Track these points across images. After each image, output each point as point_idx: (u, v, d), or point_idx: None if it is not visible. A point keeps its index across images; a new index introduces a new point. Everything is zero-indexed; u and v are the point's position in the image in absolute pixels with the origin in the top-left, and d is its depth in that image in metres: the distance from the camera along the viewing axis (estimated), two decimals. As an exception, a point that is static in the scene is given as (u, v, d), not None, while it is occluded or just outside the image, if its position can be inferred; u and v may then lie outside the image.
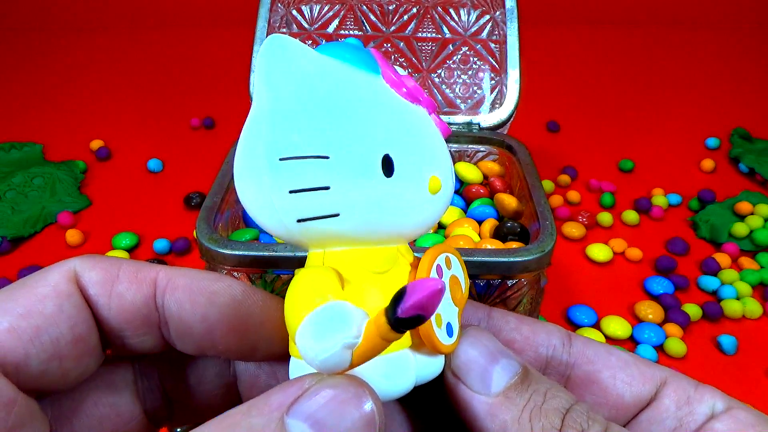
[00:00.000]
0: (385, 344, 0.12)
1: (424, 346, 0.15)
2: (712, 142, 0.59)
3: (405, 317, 0.11)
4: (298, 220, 0.14)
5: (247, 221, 0.35)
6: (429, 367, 0.16)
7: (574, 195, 0.51)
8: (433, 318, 0.14)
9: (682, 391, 0.17)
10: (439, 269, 0.15)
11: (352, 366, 0.13)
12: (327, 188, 0.13)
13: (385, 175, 0.14)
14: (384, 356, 0.14)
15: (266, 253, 0.27)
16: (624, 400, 0.17)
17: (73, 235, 0.45)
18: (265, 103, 0.14)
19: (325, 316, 0.13)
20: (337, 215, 0.14)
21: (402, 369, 0.14)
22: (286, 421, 0.12)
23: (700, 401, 0.17)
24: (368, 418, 0.13)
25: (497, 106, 0.42)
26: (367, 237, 0.15)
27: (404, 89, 0.15)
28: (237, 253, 0.27)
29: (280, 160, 0.14)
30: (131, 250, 0.44)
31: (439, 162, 0.15)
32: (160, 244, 0.43)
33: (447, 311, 0.15)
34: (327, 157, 0.13)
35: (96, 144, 0.57)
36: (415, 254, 0.16)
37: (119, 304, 0.16)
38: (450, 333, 0.15)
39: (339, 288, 0.14)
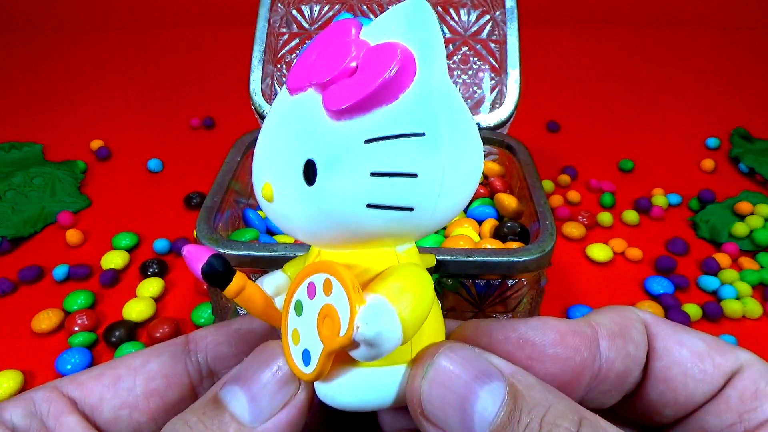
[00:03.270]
0: (239, 301, 0.15)
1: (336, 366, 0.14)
2: (712, 142, 0.59)
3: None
4: None
5: (247, 221, 0.35)
6: (345, 393, 0.14)
7: (574, 195, 0.51)
8: (289, 330, 0.14)
9: (750, 384, 0.15)
10: (311, 288, 0.14)
11: (262, 318, 0.15)
12: None
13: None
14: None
15: (266, 253, 0.27)
16: (694, 399, 0.15)
17: (73, 235, 0.45)
18: None
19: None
20: None
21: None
22: (218, 394, 0.14)
23: None
24: (281, 370, 0.15)
25: (497, 106, 0.42)
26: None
27: (286, 83, 0.14)
28: (237, 253, 0.27)
29: None
30: (131, 250, 0.44)
31: (274, 165, 0.14)
32: (160, 244, 0.43)
33: (307, 336, 0.14)
34: None
35: (96, 144, 0.57)
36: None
37: (237, 336, 0.18)
38: (305, 361, 0.14)
39: (297, 265, 0.16)
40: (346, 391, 0.14)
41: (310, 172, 0.13)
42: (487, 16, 0.43)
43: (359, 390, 0.14)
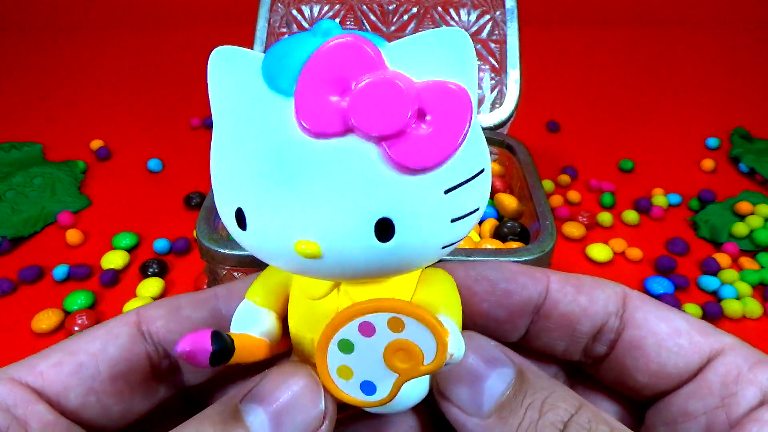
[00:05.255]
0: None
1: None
2: (712, 142, 0.59)
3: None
4: None
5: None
6: (396, 400, 0.14)
7: (574, 195, 0.51)
8: (334, 367, 0.14)
9: (732, 367, 0.15)
10: (366, 327, 0.13)
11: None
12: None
13: (240, 228, 0.13)
14: None
15: (266, 253, 0.27)
16: (666, 370, 0.16)
17: (73, 235, 0.45)
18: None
19: (238, 311, 0.16)
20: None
21: None
22: (240, 407, 0.14)
23: (750, 382, 0.15)
24: (310, 389, 0.14)
25: (497, 106, 0.42)
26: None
27: (302, 123, 0.12)
28: (237, 253, 0.27)
29: None
30: (131, 250, 0.44)
31: (320, 224, 0.12)
32: (160, 244, 0.43)
33: (367, 370, 0.14)
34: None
35: (96, 144, 0.57)
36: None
37: (189, 324, 0.17)
38: (368, 391, 0.14)
39: (274, 291, 0.16)
40: (397, 399, 0.14)
41: (384, 230, 0.12)
42: (487, 16, 0.43)
43: (406, 394, 0.15)
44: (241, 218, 0.13)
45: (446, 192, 0.12)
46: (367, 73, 0.11)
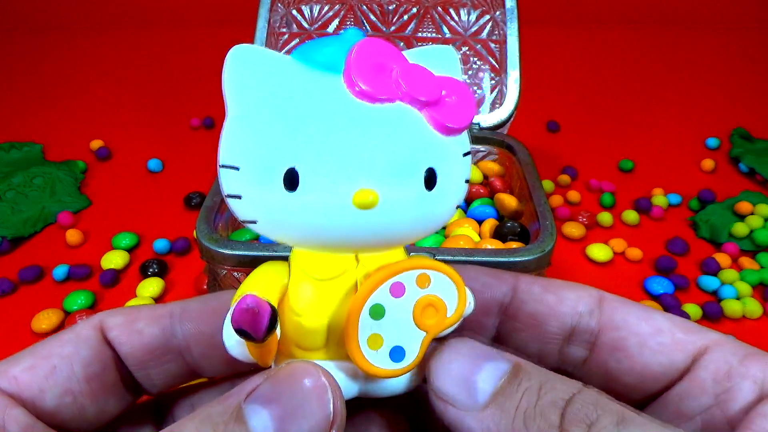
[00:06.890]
0: (258, 349, 0.14)
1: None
2: (712, 142, 0.59)
3: (236, 329, 0.13)
4: (241, 221, 0.15)
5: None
6: (385, 384, 0.15)
7: (574, 195, 0.51)
8: (364, 337, 0.14)
9: (722, 362, 0.15)
10: (398, 288, 0.14)
11: (260, 360, 0.14)
12: (239, 197, 0.14)
13: (288, 189, 0.14)
14: (314, 360, 0.15)
15: (266, 253, 0.27)
16: (651, 369, 0.16)
17: (73, 235, 0.45)
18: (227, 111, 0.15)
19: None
20: (255, 222, 0.15)
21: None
22: (242, 407, 0.13)
23: (743, 376, 0.14)
24: (319, 392, 0.14)
25: (497, 106, 0.42)
26: (301, 244, 0.15)
27: (356, 88, 0.14)
28: (237, 253, 0.27)
29: (220, 166, 0.15)
30: (131, 250, 0.44)
31: (380, 173, 0.13)
32: (160, 244, 0.43)
33: (397, 334, 0.15)
34: (237, 168, 0.14)
35: (96, 144, 0.57)
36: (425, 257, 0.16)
37: (139, 338, 0.17)
38: (396, 358, 0.15)
39: (270, 285, 0.15)
40: (400, 378, 0.15)
41: (431, 179, 0.14)
42: (487, 16, 0.43)
43: (406, 376, 0.15)
44: (292, 179, 0.14)
45: (464, 155, 0.15)
46: (401, 61, 0.14)
